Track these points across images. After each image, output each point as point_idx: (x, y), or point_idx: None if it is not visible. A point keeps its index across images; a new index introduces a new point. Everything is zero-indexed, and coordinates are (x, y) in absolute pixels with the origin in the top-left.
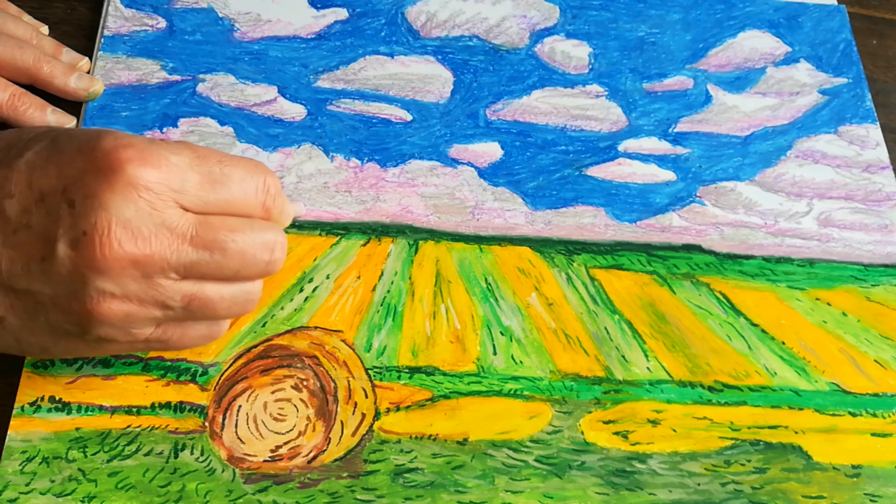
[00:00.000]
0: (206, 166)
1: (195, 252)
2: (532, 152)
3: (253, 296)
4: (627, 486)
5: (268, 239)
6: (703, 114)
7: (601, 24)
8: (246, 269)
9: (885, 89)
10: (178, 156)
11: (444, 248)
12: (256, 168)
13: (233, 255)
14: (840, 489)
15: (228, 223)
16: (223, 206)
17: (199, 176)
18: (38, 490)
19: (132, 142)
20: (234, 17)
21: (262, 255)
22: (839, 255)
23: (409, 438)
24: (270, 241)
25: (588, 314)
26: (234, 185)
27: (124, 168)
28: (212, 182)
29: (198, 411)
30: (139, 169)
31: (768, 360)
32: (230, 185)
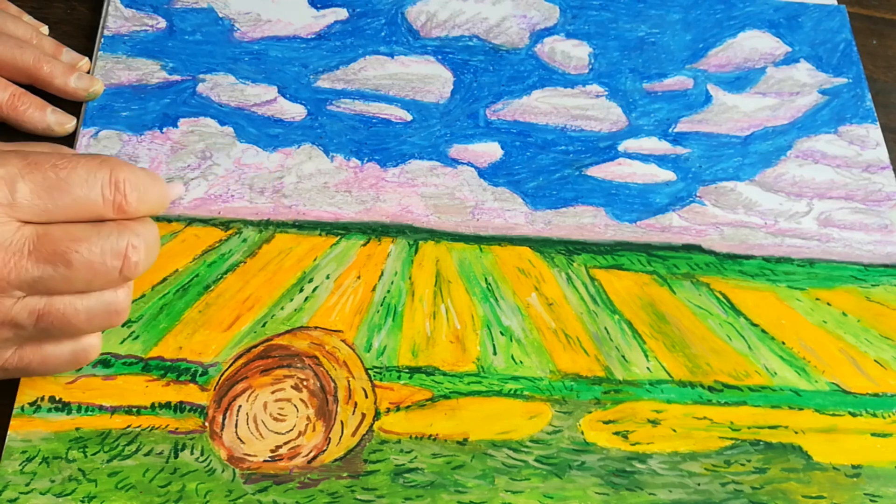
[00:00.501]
0: (38, 173)
1: (36, 267)
2: (532, 152)
3: (116, 306)
4: (627, 486)
5: (118, 244)
6: (703, 114)
7: (601, 24)
8: (97, 279)
9: (885, 89)
10: (4, 168)
11: (444, 248)
12: (100, 165)
13: (78, 266)
14: (840, 489)
15: (71, 232)
16: (67, 213)
17: (32, 185)
18: (38, 490)
19: None
20: (234, 17)
21: (113, 262)
22: (839, 255)
23: (409, 438)
24: (121, 247)
25: (588, 314)
26: (74, 188)
27: None
28: (48, 189)
29: (198, 411)
30: None
31: (768, 360)
32: (70, 189)
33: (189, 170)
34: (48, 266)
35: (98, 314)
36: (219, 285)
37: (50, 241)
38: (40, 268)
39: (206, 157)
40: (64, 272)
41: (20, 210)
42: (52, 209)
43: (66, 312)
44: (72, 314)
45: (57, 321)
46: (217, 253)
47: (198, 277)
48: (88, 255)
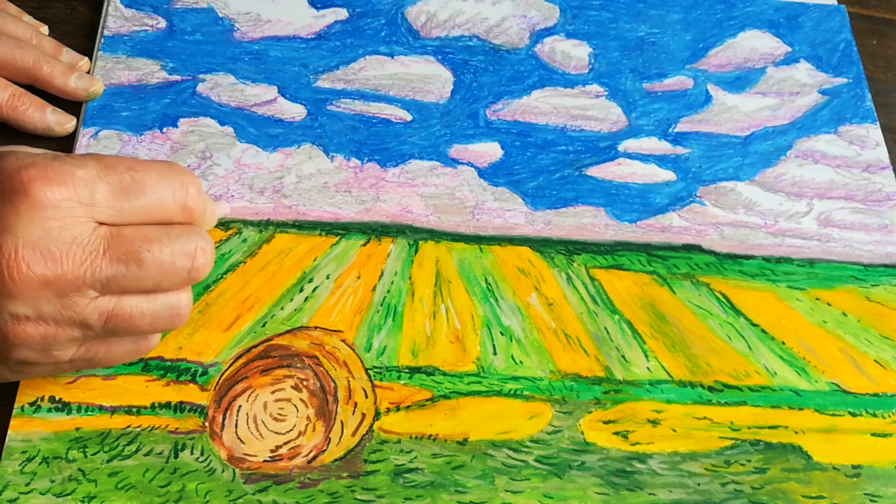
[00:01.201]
0: (115, 175)
1: (110, 266)
2: (532, 152)
3: (178, 309)
4: (627, 486)
5: (187, 246)
6: (703, 114)
7: (601, 24)
8: (167, 279)
9: (885, 89)
10: (83, 169)
11: (444, 248)
12: (171, 169)
13: (150, 266)
14: (840, 489)
15: (143, 233)
16: (140, 215)
17: (110, 186)
18: (38, 490)
19: (35, 161)
20: (234, 17)
21: (183, 263)
22: (839, 255)
23: (409, 438)
24: (190, 248)
25: (588, 314)
26: (148, 190)
27: (28, 189)
28: (123, 190)
29: (198, 411)
30: (44, 188)
31: (768, 360)
32: (144, 191)
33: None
34: (121, 265)
35: (162, 317)
36: (219, 285)
37: (123, 241)
38: (114, 267)
39: (206, 157)
40: (136, 271)
41: (98, 210)
42: (127, 210)
43: (133, 315)
44: (137, 316)
45: (123, 322)
46: (217, 253)
47: None
48: (160, 255)
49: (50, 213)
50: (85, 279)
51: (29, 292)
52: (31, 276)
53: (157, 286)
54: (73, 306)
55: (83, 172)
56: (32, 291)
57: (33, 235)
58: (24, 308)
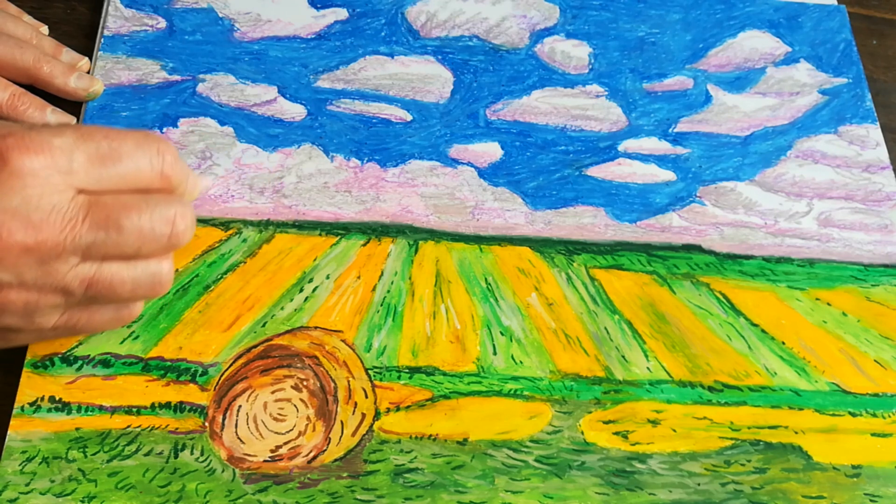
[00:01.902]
0: (92, 143)
1: (90, 233)
2: (532, 152)
3: (160, 277)
4: (627, 486)
5: (166, 212)
6: (703, 114)
7: (601, 24)
8: (146, 245)
9: (885, 89)
10: (61, 137)
11: (444, 248)
12: (147, 138)
13: (129, 231)
14: (840, 489)
15: (122, 200)
16: (118, 182)
17: (87, 154)
18: (38, 490)
19: (12, 130)
20: (234, 17)
21: (162, 229)
22: (839, 255)
23: (409, 438)
24: (169, 215)
25: (588, 314)
26: (125, 158)
27: (6, 158)
28: (101, 158)
29: (198, 411)
30: (22, 157)
31: (768, 360)
32: (121, 159)
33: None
34: (101, 231)
35: (143, 284)
36: (219, 285)
37: (102, 207)
38: (93, 233)
39: (206, 157)
40: (115, 237)
41: (76, 178)
42: (105, 177)
43: (113, 281)
44: (118, 283)
45: (104, 289)
46: (217, 253)
47: (198, 277)
48: (139, 221)
49: (28, 181)
50: (65, 246)
51: (10, 259)
52: (12, 242)
53: (137, 252)
54: (55, 273)
55: (60, 141)
56: (13, 258)
57: (12, 203)
58: (6, 275)
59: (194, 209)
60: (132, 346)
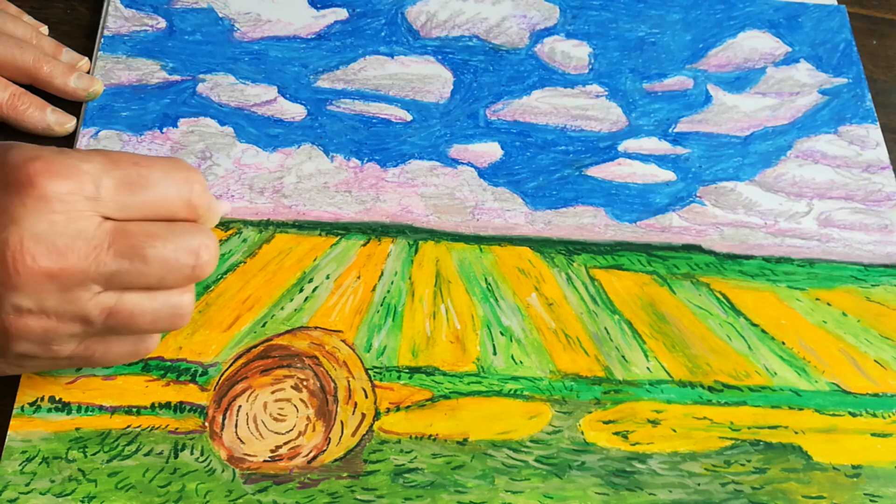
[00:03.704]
0: (120, 170)
1: (114, 261)
2: (532, 152)
3: (180, 309)
4: (627, 486)
5: (191, 243)
6: (703, 114)
7: (601, 24)
8: (170, 275)
9: (885, 89)
10: (89, 163)
11: (444, 248)
12: (177, 166)
13: (153, 261)
14: (840, 489)
15: (147, 229)
16: (145, 210)
17: (114, 181)
18: (38, 490)
19: (40, 154)
20: (234, 17)
21: (187, 259)
22: (839, 255)
23: (409, 438)
24: (194, 245)
25: (588, 314)
26: (153, 186)
27: (34, 181)
28: (129, 185)
29: (198, 411)
30: (49, 181)
31: (768, 360)
32: (149, 186)
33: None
34: (125, 260)
35: (163, 316)
36: (219, 285)
37: (127, 236)
38: (117, 262)
39: (206, 157)
40: (140, 267)
41: (103, 205)
42: (131, 205)
43: (134, 312)
44: (139, 314)
45: (124, 319)
46: None
47: None
48: (164, 251)
49: (55, 206)
50: (89, 273)
51: (32, 285)
52: (36, 268)
53: (160, 283)
54: (76, 300)
55: (89, 167)
56: (36, 284)
57: (38, 228)
58: (27, 301)
59: None
60: None
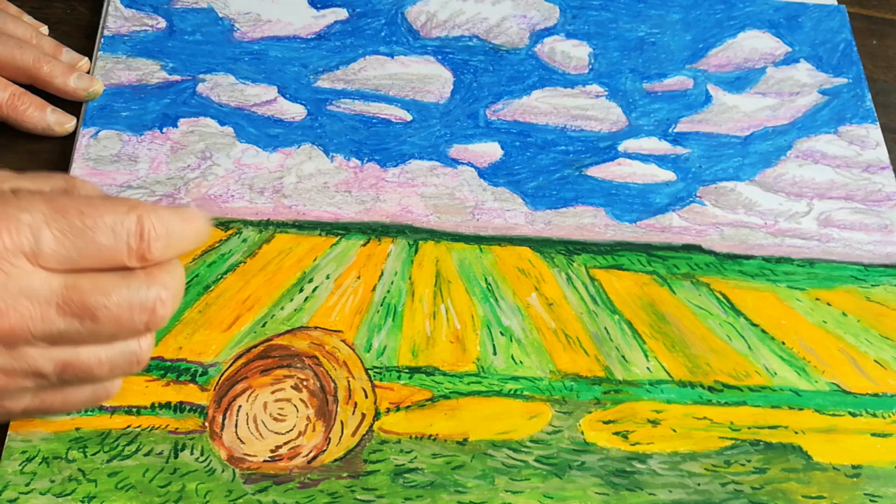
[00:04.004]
0: (64, 220)
1: (63, 320)
2: (532, 152)
3: (138, 356)
4: (627, 486)
5: (145, 298)
6: (703, 114)
7: (601, 24)
8: (122, 332)
9: (885, 89)
10: (29, 213)
11: (444, 248)
12: (128, 212)
13: (105, 321)
14: (840, 489)
15: (100, 285)
16: (92, 262)
17: (57, 232)
18: (38, 490)
19: None
20: (234, 17)
21: (140, 317)
22: (839, 255)
23: (409, 438)
24: (149, 301)
25: (588, 314)
26: (99, 236)
27: None
28: (73, 236)
29: (198, 411)
30: None
31: (768, 360)
32: (95, 237)
33: (189, 170)
34: (74, 319)
35: (120, 364)
36: (219, 285)
37: (78, 292)
38: (67, 321)
39: (206, 157)
40: (90, 326)
41: (45, 258)
42: (77, 257)
43: (91, 363)
44: (95, 365)
45: (80, 372)
46: (217, 253)
47: (198, 277)
48: (117, 310)
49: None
50: (34, 333)
51: None
52: None
53: (112, 339)
54: (24, 357)
55: (29, 218)
56: None
57: None
58: None
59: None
60: None
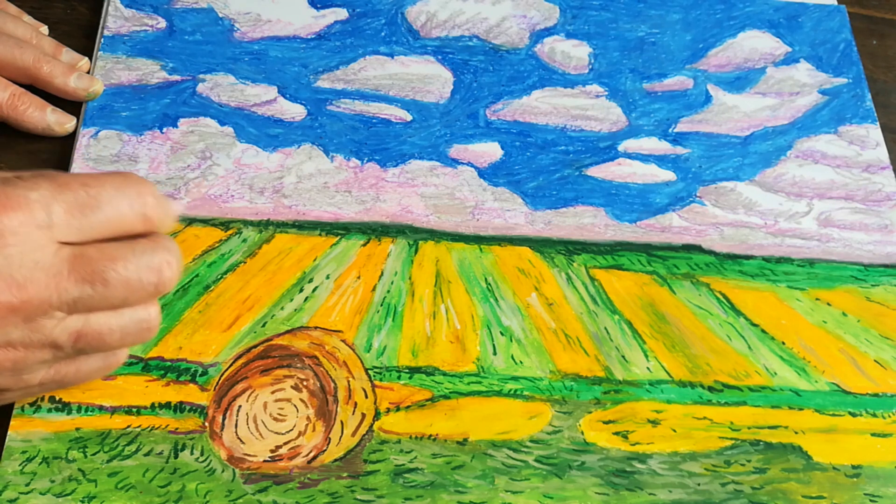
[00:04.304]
0: (70, 193)
1: (76, 287)
2: (532, 152)
3: (148, 323)
4: (627, 486)
5: (153, 261)
6: (703, 114)
7: (601, 24)
8: (133, 295)
9: (885, 89)
10: (37, 191)
11: (444, 248)
12: (126, 181)
13: (116, 285)
14: (840, 489)
15: (107, 252)
16: (101, 230)
17: (65, 205)
18: (38, 490)
19: None
20: (234, 17)
21: (149, 278)
22: (839, 255)
23: (409, 438)
24: (156, 263)
25: (588, 314)
26: (105, 205)
27: None
28: (80, 208)
29: (198, 411)
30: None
31: (768, 360)
32: (101, 206)
33: (189, 170)
34: (87, 286)
35: (131, 332)
36: (219, 285)
37: (87, 261)
38: (79, 287)
39: (206, 157)
40: (102, 291)
41: (57, 231)
42: (86, 227)
43: (102, 332)
44: (107, 333)
45: (93, 340)
46: (217, 253)
47: (198, 277)
48: (125, 272)
49: (9, 239)
50: (51, 302)
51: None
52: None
53: (124, 302)
54: (42, 329)
55: (37, 195)
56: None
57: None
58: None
59: (193, 209)
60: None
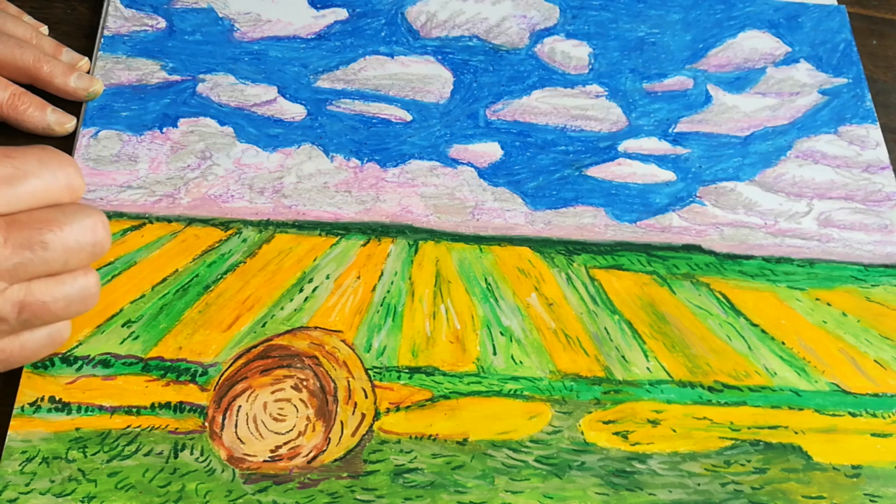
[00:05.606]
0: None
1: (15, 254)
2: (532, 152)
3: (89, 290)
4: (627, 487)
5: (86, 222)
6: (703, 114)
7: (601, 24)
8: (73, 257)
9: (885, 89)
10: None
11: (444, 248)
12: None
13: (55, 246)
14: (840, 489)
15: (39, 216)
16: (29, 201)
17: None
18: (38, 490)
19: None
20: (234, 17)
21: (86, 237)
22: (839, 255)
23: (409, 438)
24: (89, 223)
25: (588, 314)
26: (31, 176)
27: None
28: (7, 180)
29: (197, 411)
30: None
31: (768, 361)
32: (27, 177)
33: (189, 170)
34: (26, 251)
35: (75, 300)
36: (219, 285)
37: (21, 226)
38: (18, 254)
39: (206, 157)
40: (42, 254)
41: None
42: (14, 199)
43: (46, 301)
44: (51, 302)
45: (38, 310)
46: (217, 253)
47: (198, 277)
48: (62, 234)
49: None
50: None
51: None
52: None
53: (64, 266)
54: None
55: None
56: None
57: None
58: None
59: (193, 209)
60: (132, 346)
